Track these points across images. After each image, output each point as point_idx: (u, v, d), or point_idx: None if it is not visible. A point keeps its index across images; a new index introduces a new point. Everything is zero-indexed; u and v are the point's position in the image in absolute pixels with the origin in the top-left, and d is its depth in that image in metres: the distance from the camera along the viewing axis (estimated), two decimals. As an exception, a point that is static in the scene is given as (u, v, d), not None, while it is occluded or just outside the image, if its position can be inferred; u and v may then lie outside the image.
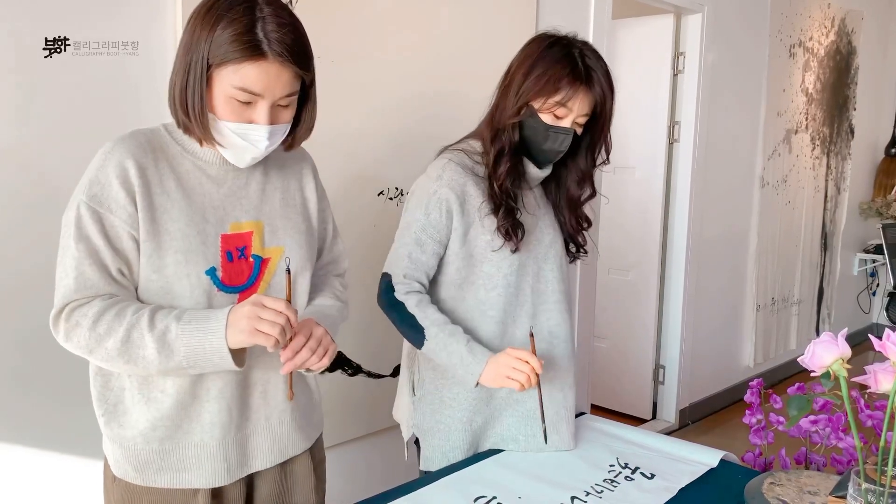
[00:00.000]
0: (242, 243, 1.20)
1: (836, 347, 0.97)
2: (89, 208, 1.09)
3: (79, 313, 1.09)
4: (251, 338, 1.07)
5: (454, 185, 1.47)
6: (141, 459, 1.19)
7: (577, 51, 1.46)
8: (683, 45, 3.47)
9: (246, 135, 1.12)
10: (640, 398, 3.76)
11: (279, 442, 1.28)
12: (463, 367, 1.41)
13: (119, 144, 1.12)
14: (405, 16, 2.15)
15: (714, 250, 3.78)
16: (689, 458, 1.49)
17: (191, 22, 1.10)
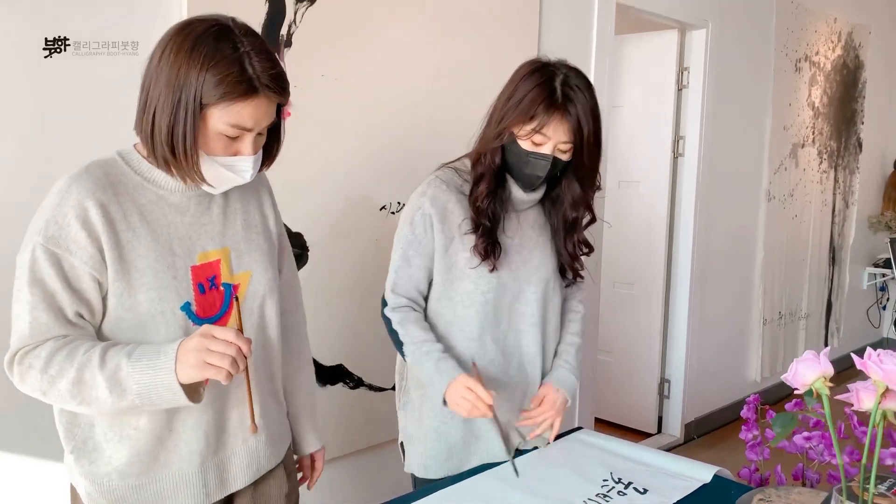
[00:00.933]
0: (212, 273, 1.19)
1: (819, 365, 0.98)
2: (46, 250, 1.06)
3: (32, 356, 1.07)
4: (201, 372, 1.04)
5: (435, 201, 1.52)
6: (117, 495, 1.17)
7: (561, 77, 1.45)
8: (688, 60, 3.49)
9: (233, 166, 1.13)
10: (646, 412, 3.76)
11: (256, 461, 1.29)
12: (431, 386, 1.48)
13: (76, 182, 1.09)
14: (408, 33, 2.19)
15: (720, 264, 3.78)
16: (683, 473, 1.49)
17: (170, 58, 1.07)
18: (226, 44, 1.07)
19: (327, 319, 2.09)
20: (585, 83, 1.47)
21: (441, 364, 1.46)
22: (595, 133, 1.47)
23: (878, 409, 0.96)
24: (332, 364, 2.13)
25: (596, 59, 2.86)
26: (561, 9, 2.70)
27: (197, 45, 1.06)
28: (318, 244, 2.05)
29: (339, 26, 2.02)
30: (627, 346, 3.80)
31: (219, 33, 1.07)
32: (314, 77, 1.97)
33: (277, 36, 1.90)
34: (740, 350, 4.05)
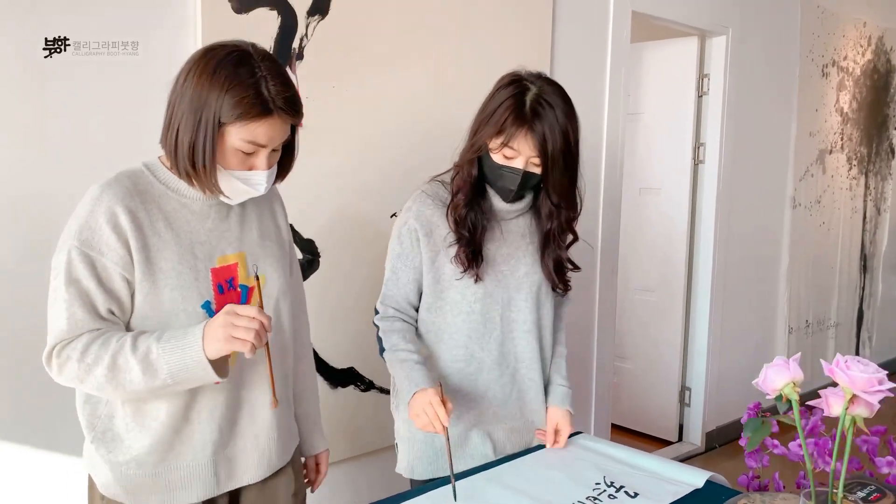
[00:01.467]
0: (230, 275, 1.28)
1: (788, 371, 1.00)
2: (80, 252, 1.16)
3: (69, 348, 1.16)
4: (228, 345, 1.13)
5: (420, 216, 1.56)
6: (133, 483, 1.25)
7: (533, 92, 1.46)
8: (708, 67, 3.48)
9: (248, 180, 1.22)
10: (666, 420, 3.74)
11: (266, 458, 1.36)
12: (402, 393, 1.53)
13: (107, 190, 1.19)
14: (418, 44, 2.24)
15: (742, 271, 3.75)
16: (676, 478, 1.50)
17: (192, 78, 1.16)
18: (245, 68, 1.16)
19: (338, 323, 2.14)
20: (560, 99, 1.47)
21: (412, 373, 1.50)
22: (564, 149, 1.46)
23: (847, 414, 0.97)
24: (344, 367, 2.19)
25: (611, 68, 2.87)
26: (574, 18, 2.72)
27: (218, 68, 1.15)
28: (330, 250, 2.11)
29: (350, 39, 2.08)
30: (648, 353, 3.79)
31: (239, 58, 1.17)
32: (325, 88, 2.04)
33: (290, 49, 1.97)
34: (764, 358, 3.93)
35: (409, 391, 1.48)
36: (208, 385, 1.24)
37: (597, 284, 3.01)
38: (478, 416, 1.62)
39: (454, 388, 1.60)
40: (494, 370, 1.62)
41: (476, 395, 1.62)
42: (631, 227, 3.74)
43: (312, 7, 1.99)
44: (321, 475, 1.57)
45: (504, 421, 1.65)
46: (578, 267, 1.69)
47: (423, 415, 1.43)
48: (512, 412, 1.66)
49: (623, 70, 2.91)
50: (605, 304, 3.04)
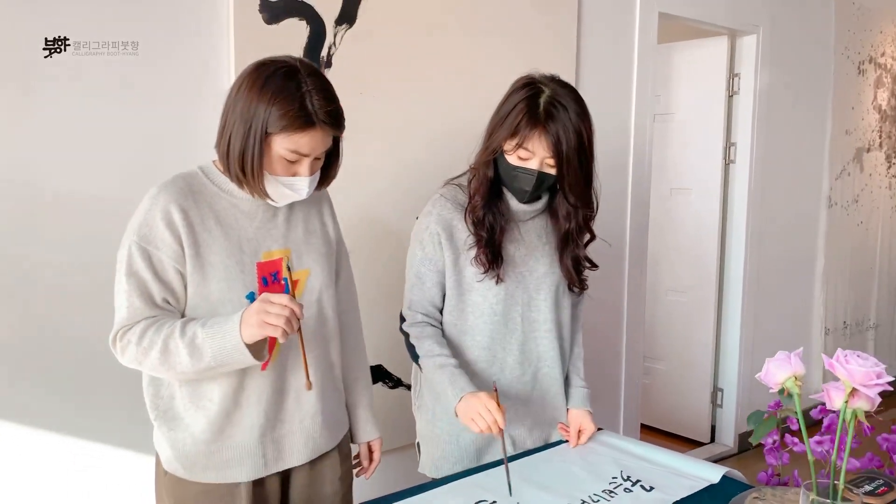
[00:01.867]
0: (274, 269, 1.38)
1: (790, 365, 1.03)
2: (139, 247, 1.28)
3: (129, 333, 1.28)
4: (261, 330, 1.22)
5: (441, 220, 1.59)
6: (190, 459, 1.36)
7: (547, 94, 1.49)
8: (739, 66, 3.47)
9: (292, 185, 1.32)
10: (698, 421, 3.73)
11: (312, 441, 1.45)
12: (445, 399, 1.55)
13: (163, 191, 1.31)
14: (443, 46, 2.30)
15: (776, 271, 3.72)
16: (692, 473, 1.53)
17: (244, 90, 1.27)
18: (292, 83, 1.25)
19: (367, 321, 2.19)
20: (573, 100, 1.50)
21: (455, 379, 1.52)
22: (578, 149, 1.49)
23: (847, 407, 0.99)
24: (373, 364, 2.25)
25: (638, 69, 2.89)
26: (600, 21, 2.75)
27: (267, 82, 1.25)
28: (358, 250, 2.17)
29: (377, 46, 2.14)
30: (679, 353, 3.78)
31: (287, 73, 1.26)
32: (353, 94, 2.10)
33: (318, 57, 2.04)
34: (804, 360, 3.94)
35: (455, 396, 1.50)
36: (255, 372, 1.35)
37: (625, 285, 3.02)
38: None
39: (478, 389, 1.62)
40: (516, 369, 1.65)
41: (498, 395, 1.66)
42: (662, 227, 3.74)
43: (340, 16, 2.07)
44: (374, 462, 1.64)
45: (526, 418, 1.69)
46: (596, 265, 1.71)
47: (480, 418, 1.44)
48: (534, 409, 1.70)
49: (650, 71, 2.93)
50: (634, 305, 3.05)
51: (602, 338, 2.97)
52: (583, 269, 1.69)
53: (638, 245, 3.02)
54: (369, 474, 1.64)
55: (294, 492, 1.47)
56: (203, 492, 1.37)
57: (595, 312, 2.83)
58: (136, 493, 1.84)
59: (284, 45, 1.95)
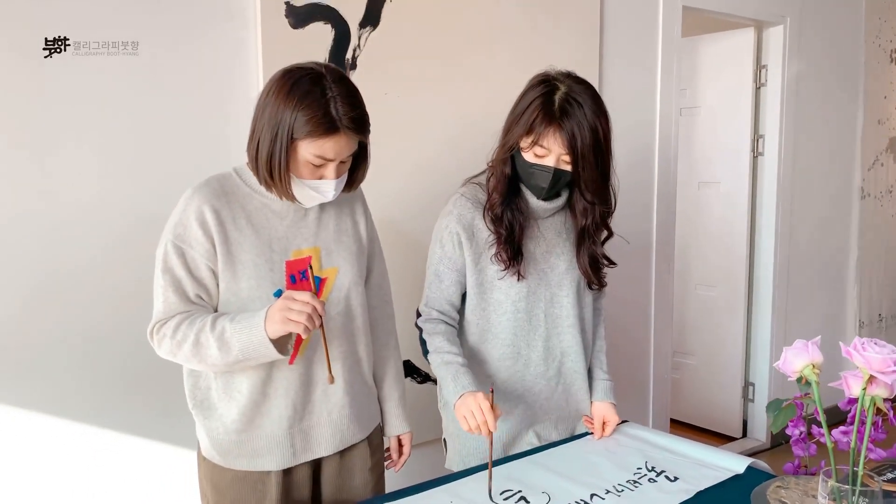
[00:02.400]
0: (303, 267, 1.43)
1: (807, 354, 1.04)
2: (174, 246, 1.34)
3: (165, 327, 1.35)
4: (284, 326, 1.27)
5: (462, 220, 1.61)
6: (223, 447, 1.43)
7: (562, 91, 1.50)
8: (766, 58, 3.44)
9: (318, 188, 1.37)
10: (730, 416, 3.70)
11: (339, 432, 1.49)
12: (447, 394, 1.57)
13: (197, 192, 1.37)
14: (465, 45, 2.33)
15: (807, 264, 3.67)
16: (717, 464, 1.54)
17: (272, 96, 1.31)
18: (317, 89, 1.29)
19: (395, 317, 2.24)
20: (589, 97, 1.50)
21: (458, 376, 1.55)
22: (594, 146, 1.50)
23: (865, 395, 1.00)
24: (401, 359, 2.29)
25: (662, 63, 2.89)
26: (623, 16, 2.75)
27: (293, 88, 1.29)
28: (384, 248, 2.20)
29: (400, 48, 2.18)
30: (710, 348, 3.76)
31: (312, 79, 1.30)
32: (378, 95, 2.14)
33: (343, 59, 2.09)
34: (834, 353, 3.88)
35: (456, 393, 1.52)
36: (283, 365, 1.41)
37: (652, 279, 3.02)
38: (525, 410, 1.68)
39: (502, 385, 1.66)
40: (541, 365, 1.67)
41: (523, 391, 1.68)
42: (690, 221, 3.72)
43: (364, 19, 2.11)
44: (404, 456, 1.68)
45: (551, 412, 1.71)
46: (614, 262, 1.72)
47: (472, 417, 1.46)
48: (558, 404, 1.72)
49: (675, 65, 2.92)
50: (662, 299, 3.05)
51: (630, 333, 2.98)
52: (601, 267, 1.69)
53: (665, 240, 3.02)
54: (399, 467, 1.68)
55: (324, 481, 1.52)
56: (237, 478, 1.43)
57: (622, 308, 2.85)
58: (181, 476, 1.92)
59: (310, 49, 2.00)
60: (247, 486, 1.43)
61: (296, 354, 1.42)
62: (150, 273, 1.39)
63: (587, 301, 1.71)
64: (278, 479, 1.44)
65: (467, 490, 1.43)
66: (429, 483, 1.47)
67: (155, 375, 1.83)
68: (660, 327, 3.05)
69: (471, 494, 1.40)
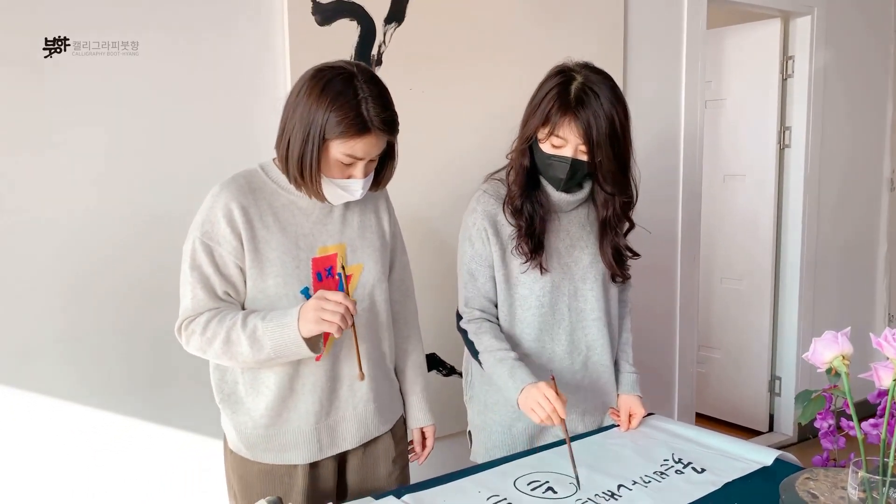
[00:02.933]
0: (329, 264, 1.44)
1: (837, 345, 1.04)
2: (202, 243, 1.35)
3: (194, 324, 1.36)
4: (318, 326, 1.30)
5: (487, 215, 1.62)
6: (251, 441, 1.45)
7: (579, 81, 1.49)
8: (792, 48, 3.40)
9: (347, 187, 1.38)
10: (756, 410, 3.68)
11: (364, 426, 1.52)
12: (506, 391, 1.56)
13: (224, 189, 1.38)
14: (490, 41, 2.33)
15: (834, 257, 3.63)
16: (745, 456, 1.54)
17: (303, 96, 1.32)
18: (349, 89, 1.30)
19: (420, 311, 2.26)
20: (606, 87, 1.49)
21: (515, 371, 1.53)
22: (611, 135, 1.48)
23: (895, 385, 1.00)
24: (427, 353, 2.30)
25: (687, 55, 2.87)
26: (647, 7, 2.74)
27: (325, 89, 1.30)
28: (409, 243, 2.21)
29: (425, 44, 2.20)
30: (736, 342, 3.73)
31: (345, 80, 1.31)
32: (403, 91, 2.16)
33: (369, 55, 2.10)
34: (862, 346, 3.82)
35: (516, 388, 1.51)
36: (310, 361, 1.42)
37: (678, 272, 3.01)
38: None
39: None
40: (566, 359, 1.68)
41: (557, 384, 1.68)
42: (716, 214, 3.70)
43: (389, 15, 2.13)
44: (427, 448, 1.70)
45: (577, 406, 1.72)
46: (637, 254, 1.72)
47: (540, 408, 1.46)
48: (585, 396, 1.72)
49: (700, 57, 2.90)
50: (687, 292, 3.04)
51: (655, 327, 2.97)
52: (624, 259, 1.69)
53: (690, 233, 3.01)
54: (422, 459, 1.70)
55: (349, 473, 1.55)
56: (264, 471, 1.46)
57: (647, 302, 2.84)
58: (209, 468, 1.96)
59: (336, 46, 2.03)
60: (274, 478, 1.46)
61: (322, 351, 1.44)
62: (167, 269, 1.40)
63: (613, 294, 1.71)
64: (305, 471, 1.46)
65: (494, 480, 1.44)
66: (455, 474, 1.48)
67: (182, 368, 1.87)
68: (685, 321, 3.04)
69: (497, 484, 1.42)
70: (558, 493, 1.38)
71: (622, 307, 1.78)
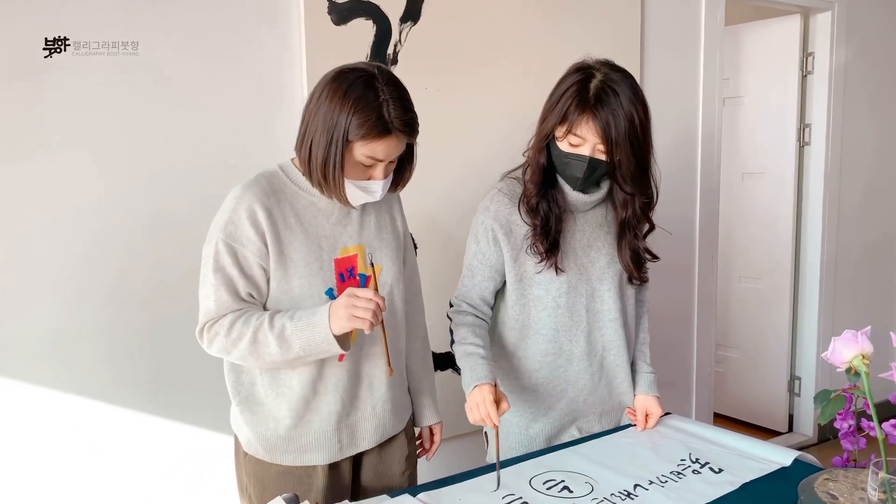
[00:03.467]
0: (350, 265, 1.45)
1: (857, 344, 1.03)
2: (226, 244, 1.35)
3: (217, 325, 1.36)
4: (350, 323, 1.31)
5: (499, 216, 1.60)
6: (270, 443, 1.45)
7: (598, 79, 1.47)
8: (812, 45, 3.36)
9: (367, 188, 1.39)
10: (775, 410, 3.65)
11: (382, 426, 1.52)
12: (463, 384, 1.55)
13: (247, 190, 1.38)
14: (505, 40, 2.33)
15: (855, 256, 3.59)
16: (763, 456, 1.52)
17: (325, 99, 1.32)
18: (371, 92, 1.31)
19: (433, 311, 2.26)
20: (626, 85, 1.47)
21: (476, 367, 1.52)
22: (630, 135, 1.46)
23: (917, 386, 0.99)
24: (442, 352, 2.31)
25: (705, 52, 2.85)
26: (665, 3, 2.72)
27: (348, 91, 1.31)
28: (424, 242, 2.24)
29: (440, 42, 2.19)
30: (755, 342, 3.70)
31: (366, 83, 1.32)
32: (418, 90, 2.13)
33: (385, 55, 2.11)
34: (884, 346, 3.79)
35: (471, 384, 1.50)
36: (332, 361, 1.43)
37: (696, 271, 2.99)
38: (568, 405, 1.68)
39: (546, 381, 1.66)
40: (583, 360, 1.65)
41: (566, 386, 1.67)
42: (734, 213, 3.67)
43: (405, 14, 2.13)
44: (435, 445, 1.71)
45: (594, 407, 1.71)
46: (657, 257, 1.69)
47: (476, 410, 1.46)
48: (601, 397, 1.71)
49: (718, 54, 2.88)
50: (705, 292, 3.01)
51: (673, 326, 2.95)
52: (643, 262, 1.67)
53: (708, 232, 2.98)
54: (430, 455, 1.71)
55: (365, 472, 1.55)
56: (283, 472, 1.46)
57: (665, 300, 2.82)
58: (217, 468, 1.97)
59: (352, 45, 2.03)
60: (293, 479, 1.46)
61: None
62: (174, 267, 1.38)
63: (630, 294, 1.70)
64: (324, 472, 1.47)
65: (509, 479, 1.44)
66: (474, 471, 1.49)
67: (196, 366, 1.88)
68: (703, 319, 3.02)
69: (513, 483, 1.42)
70: (574, 493, 1.38)
71: (639, 307, 1.77)
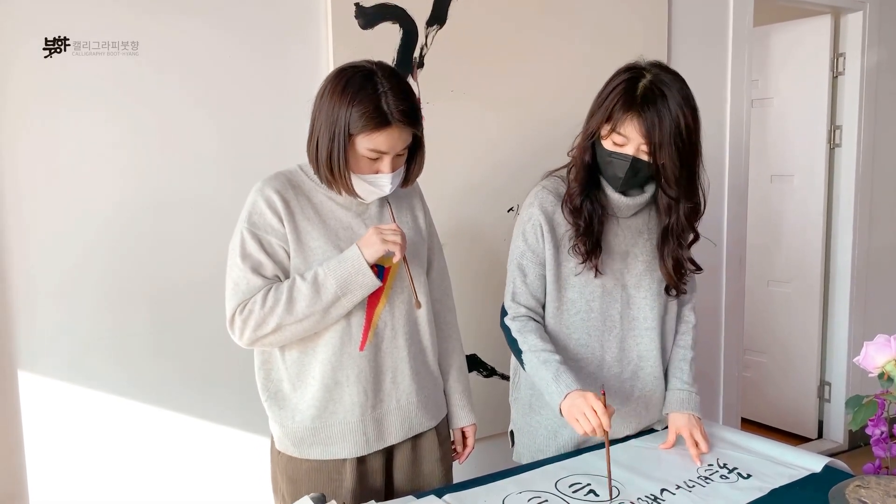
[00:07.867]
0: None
1: (889, 349, 1.01)
2: (251, 233, 1.41)
3: (250, 304, 1.40)
4: (383, 246, 1.38)
5: (545, 210, 1.58)
6: (297, 436, 1.48)
7: (647, 79, 1.44)
8: (843, 45, 3.31)
9: (375, 182, 1.42)
10: (805, 416, 3.59)
11: (408, 420, 1.53)
12: (548, 394, 1.51)
13: (266, 184, 1.44)
14: (531, 40, 2.33)
15: (887, 259, 3.53)
16: (793, 462, 1.51)
17: (327, 96, 1.37)
18: (369, 85, 1.35)
19: (461, 311, 2.26)
20: (676, 88, 1.44)
21: (560, 375, 1.48)
22: (677, 137, 1.43)
23: (952, 392, 0.97)
24: (468, 353, 2.31)
25: (733, 54, 2.82)
26: (692, 4, 2.70)
27: (347, 87, 1.36)
28: (452, 243, 2.24)
29: (467, 45, 2.20)
30: (783, 346, 3.65)
31: (364, 77, 1.36)
32: (444, 92, 2.17)
33: (411, 58, 2.12)
34: (918, 353, 3.72)
35: (560, 392, 1.46)
36: (353, 351, 1.45)
37: (723, 275, 2.96)
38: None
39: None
40: (615, 367, 1.63)
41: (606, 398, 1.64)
42: (763, 216, 3.62)
43: (431, 17, 2.14)
44: (468, 448, 1.70)
45: (627, 418, 1.66)
46: (700, 268, 1.64)
47: (586, 419, 1.40)
48: (636, 409, 1.66)
49: (746, 55, 2.85)
50: (733, 296, 2.98)
51: (700, 330, 2.90)
52: (684, 273, 1.62)
53: (736, 235, 2.95)
54: (463, 459, 1.70)
55: (396, 468, 1.56)
56: (313, 468, 1.48)
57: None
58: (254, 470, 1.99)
59: (379, 49, 2.05)
60: (322, 475, 1.48)
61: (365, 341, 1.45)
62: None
63: (669, 304, 1.65)
64: (353, 466, 1.48)
65: (535, 481, 1.44)
66: (497, 474, 1.49)
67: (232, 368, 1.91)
68: (731, 324, 2.99)
69: (538, 485, 1.42)
70: (600, 496, 1.37)
71: (684, 324, 1.71)
